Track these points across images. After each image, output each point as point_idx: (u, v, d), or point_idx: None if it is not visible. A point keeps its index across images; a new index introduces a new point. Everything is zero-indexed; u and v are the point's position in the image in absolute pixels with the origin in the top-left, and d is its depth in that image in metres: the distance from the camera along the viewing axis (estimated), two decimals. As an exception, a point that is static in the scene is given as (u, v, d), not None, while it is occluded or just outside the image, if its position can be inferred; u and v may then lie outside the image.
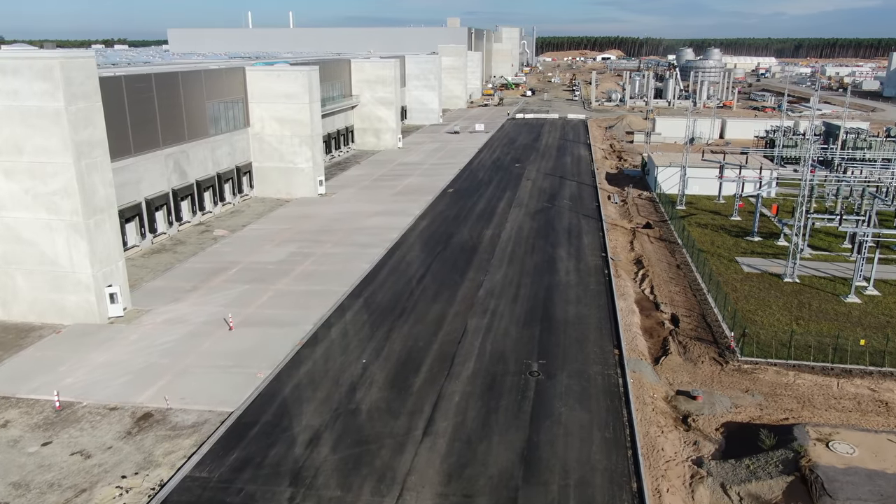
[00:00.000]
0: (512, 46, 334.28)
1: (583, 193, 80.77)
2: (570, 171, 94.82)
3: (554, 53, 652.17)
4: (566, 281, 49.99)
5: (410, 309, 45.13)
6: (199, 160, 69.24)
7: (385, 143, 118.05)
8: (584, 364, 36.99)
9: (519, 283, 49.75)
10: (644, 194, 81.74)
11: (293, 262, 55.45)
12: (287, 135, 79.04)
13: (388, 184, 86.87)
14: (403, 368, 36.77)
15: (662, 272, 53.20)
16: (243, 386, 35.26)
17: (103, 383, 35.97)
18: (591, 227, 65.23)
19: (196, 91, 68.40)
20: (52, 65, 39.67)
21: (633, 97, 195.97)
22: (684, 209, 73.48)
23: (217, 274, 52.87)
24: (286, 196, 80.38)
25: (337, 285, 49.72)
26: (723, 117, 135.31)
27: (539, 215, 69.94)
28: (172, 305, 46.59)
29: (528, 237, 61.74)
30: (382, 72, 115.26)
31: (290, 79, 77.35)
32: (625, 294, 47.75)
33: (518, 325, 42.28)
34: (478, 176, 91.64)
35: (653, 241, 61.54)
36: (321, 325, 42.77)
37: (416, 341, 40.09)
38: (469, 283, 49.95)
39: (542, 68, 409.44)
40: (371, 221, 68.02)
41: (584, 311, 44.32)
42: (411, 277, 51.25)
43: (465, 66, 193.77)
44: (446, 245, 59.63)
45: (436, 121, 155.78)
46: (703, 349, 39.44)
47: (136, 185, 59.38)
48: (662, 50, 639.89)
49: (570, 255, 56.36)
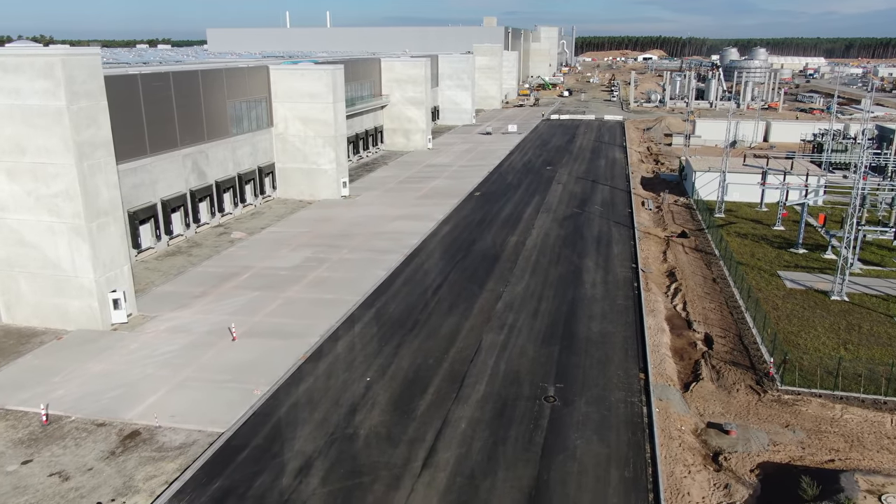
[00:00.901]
0: (550, 46, 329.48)
1: (615, 199, 77.15)
2: (604, 175, 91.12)
3: (594, 53, 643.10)
4: (592, 294, 46.81)
5: (423, 322, 42.55)
6: (219, 160, 67.85)
7: (415, 143, 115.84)
8: (606, 389, 33.90)
9: (541, 295, 46.75)
10: (680, 200, 77.64)
11: (307, 267, 53.42)
12: (310, 135, 77.30)
13: (414, 186, 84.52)
14: (409, 389, 34.21)
15: (697, 286, 49.56)
16: (238, 403, 33.15)
17: (95, 396, 34.27)
18: (623, 236, 61.76)
19: (216, 90, 67.01)
20: (53, 62, 38.21)
21: (674, 98, 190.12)
22: (723, 217, 69.27)
23: (228, 279, 51.14)
24: (309, 198, 78.67)
25: (349, 294, 47.46)
26: (767, 119, 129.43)
27: (567, 222, 66.69)
28: (178, 312, 44.91)
29: (555, 245, 58.60)
30: (412, 71, 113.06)
31: (314, 78, 75.54)
32: (655, 310, 44.38)
33: (536, 342, 39.34)
34: (507, 179, 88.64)
35: (688, 252, 57.74)
36: (328, 337, 40.50)
37: (426, 358, 37.49)
38: (488, 294, 47.15)
39: (581, 68, 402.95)
40: (392, 226, 65.72)
41: (609, 329, 41.14)
42: (427, 287, 48.68)
43: (501, 65, 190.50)
44: (467, 252, 56.91)
45: (468, 121, 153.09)
46: (739, 375, 35.92)
47: (152, 185, 58.12)
48: (706, 50, 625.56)
49: (598, 265, 53.09)
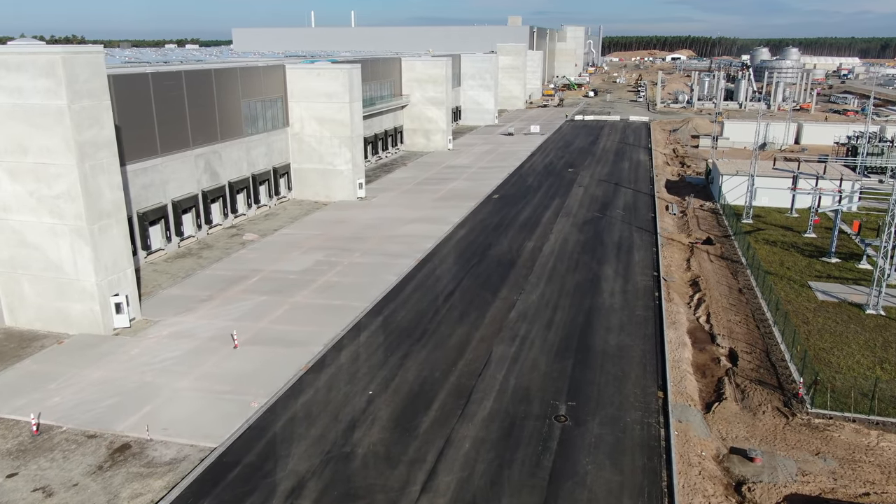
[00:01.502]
0: (576, 46, 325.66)
1: (638, 203, 74.67)
2: (627, 178, 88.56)
3: (621, 53, 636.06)
4: (610, 304, 44.67)
5: (432, 331, 40.84)
6: (233, 161, 66.88)
7: (435, 144, 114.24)
8: (621, 409, 31.86)
9: (556, 304, 44.74)
10: (706, 205, 74.83)
11: (317, 271, 52.06)
12: (326, 135, 76.08)
13: (432, 188, 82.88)
14: (412, 404, 32.53)
15: (722, 297, 47.11)
16: (234, 416, 31.77)
17: (89, 405, 33.17)
18: (645, 242, 59.40)
19: (230, 89, 66.04)
20: (54, 60, 37.24)
21: (702, 99, 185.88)
22: (751, 223, 66.42)
23: (236, 282, 49.98)
24: (325, 199, 77.47)
25: (357, 300, 45.96)
26: (799, 121, 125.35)
27: (588, 226, 64.46)
28: (183, 317, 43.80)
29: (573, 251, 56.48)
30: (433, 70, 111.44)
31: (331, 77, 74.29)
32: (676, 322, 42.12)
33: (549, 355, 37.38)
34: (527, 181, 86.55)
35: (713, 260, 55.19)
36: (332, 346, 39.00)
37: (432, 371, 35.77)
38: (501, 303, 45.28)
39: (608, 68, 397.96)
40: (406, 229, 64.13)
41: (626, 342, 39.02)
42: (438, 294, 46.96)
43: (525, 65, 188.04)
44: (482, 258, 55.07)
45: (491, 122, 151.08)
46: (766, 396, 33.59)
47: (163, 186, 57.25)
48: (736, 50, 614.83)
49: (618, 273, 50.88)
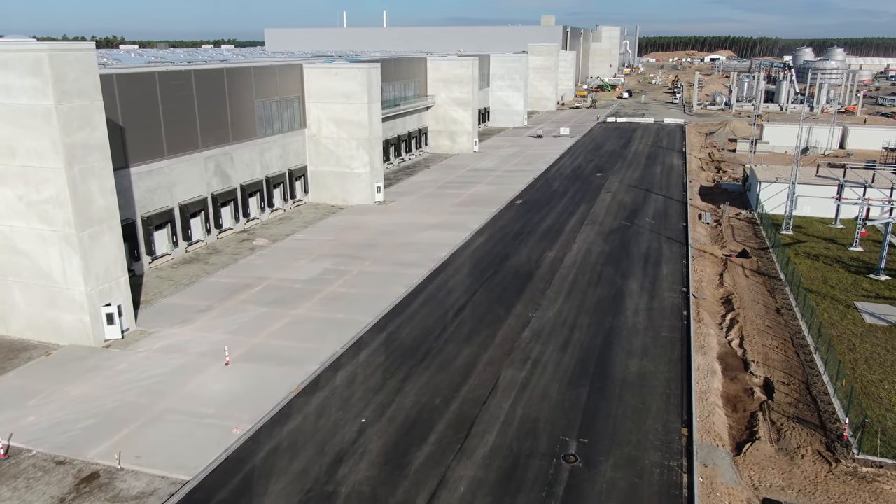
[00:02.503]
0: (611, 46, 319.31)
1: (669, 210, 70.60)
2: (659, 184, 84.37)
3: (658, 54, 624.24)
4: (633, 324, 41.13)
5: (437, 351, 37.86)
6: (245, 163, 64.85)
7: (460, 146, 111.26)
8: (639, 448, 28.47)
9: (574, 323, 41.36)
10: (743, 214, 70.37)
11: (324, 281, 49.54)
12: (344, 137, 73.71)
13: (453, 192, 79.91)
14: (407, 436, 29.61)
15: (757, 318, 43.16)
16: (214, 444, 29.26)
17: (65, 426, 31.02)
18: (674, 254, 55.53)
19: (243, 89, 64.02)
20: (40, 58, 35.28)
21: (741, 100, 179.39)
22: (791, 235, 61.91)
23: (239, 291, 47.72)
24: (342, 202, 75.11)
25: (362, 314, 43.24)
26: (844, 124, 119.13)
27: (614, 236, 60.77)
28: (178, 328, 41.61)
29: (596, 263, 52.93)
30: (459, 70, 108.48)
31: (349, 77, 71.87)
32: (705, 346, 38.41)
33: (563, 382, 34.10)
34: (552, 186, 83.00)
35: (748, 275, 51.08)
36: (328, 365, 36.31)
37: (433, 397, 32.81)
38: (514, 320, 42.08)
39: (644, 69, 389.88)
40: (422, 235, 61.29)
41: (649, 368, 35.51)
42: (448, 309, 43.97)
43: (556, 65, 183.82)
44: (498, 268, 51.90)
45: (520, 123, 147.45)
46: (805, 437, 29.84)
47: (169, 189, 55.37)
48: (778, 51, 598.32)
49: (643, 288, 47.23)
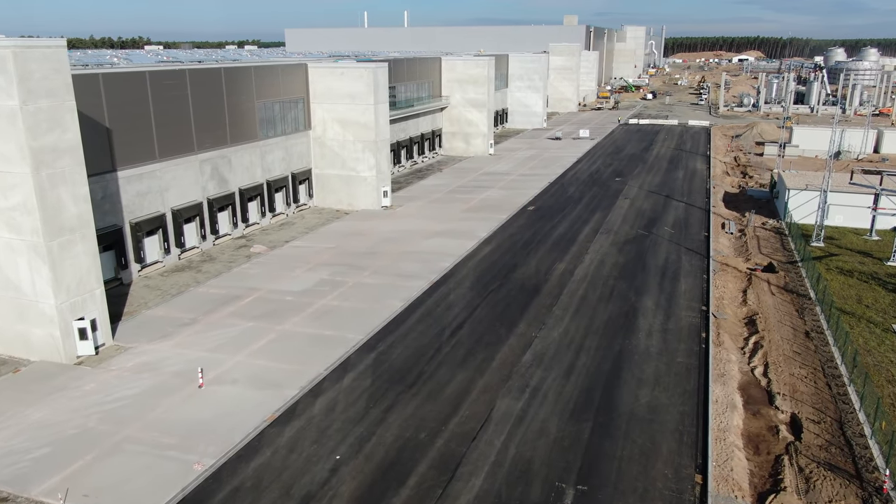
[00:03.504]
0: (636, 46, 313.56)
1: (690, 219, 66.63)
2: (680, 190, 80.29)
3: (685, 55, 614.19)
4: (645, 347, 37.56)
5: (428, 376, 34.71)
6: (245, 166, 62.31)
7: (475, 148, 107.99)
8: (645, 499, 25.01)
9: (580, 345, 37.92)
10: (769, 223, 66.07)
11: (318, 292, 46.69)
12: (349, 139, 70.92)
13: (464, 197, 76.73)
14: (384, 477, 26.49)
15: (784, 342, 39.29)
16: (170, 482, 26.43)
17: (16, 456, 28.45)
18: (694, 267, 51.72)
19: (243, 90, 61.48)
20: (4, 55, 32.80)
21: (769, 102, 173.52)
22: (821, 247, 57.61)
23: (227, 303, 45.06)
24: (347, 207, 72.35)
25: (352, 330, 40.26)
26: (879, 127, 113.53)
27: (629, 246, 57.07)
28: (156, 344, 39.01)
29: (609, 277, 49.35)
30: (474, 71, 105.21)
31: (354, 77, 69.05)
32: (726, 374, 34.74)
33: (563, 415, 30.74)
34: (568, 191, 79.37)
35: (774, 293, 47.08)
36: (309, 390, 33.36)
37: (418, 430, 29.66)
38: (516, 340, 38.75)
39: (670, 70, 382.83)
40: (427, 244, 58.20)
41: (661, 400, 31.98)
42: (445, 326, 40.79)
43: (578, 66, 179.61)
44: (504, 282, 48.60)
45: (539, 125, 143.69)
46: (838, 488, 26.12)
47: (161, 193, 52.97)
48: (808, 51, 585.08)
49: (659, 306, 43.59)
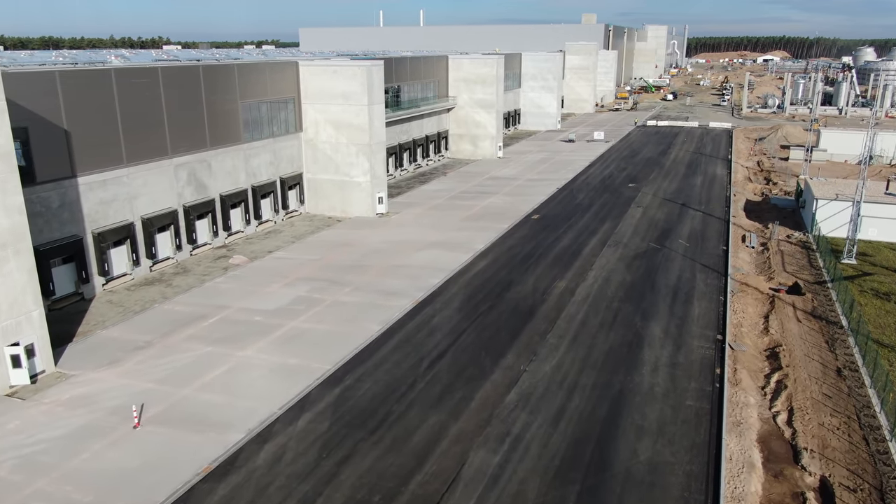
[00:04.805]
0: (657, 46, 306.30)
1: (708, 230, 61.33)
2: (698, 197, 74.89)
3: (708, 55, 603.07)
4: (650, 387, 32.65)
5: (395, 419, 30.14)
6: (227, 171, 58.25)
7: (483, 151, 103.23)
8: None
9: (575, 383, 33.10)
10: (795, 236, 60.48)
11: (290, 312, 42.38)
12: (343, 142, 66.64)
13: (465, 203, 72.09)
14: (323, 556, 22.01)
15: (812, 381, 34.12)
16: (71, 555, 22.21)
17: None
18: (710, 287, 46.59)
19: (225, 89, 57.40)
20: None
21: (795, 103, 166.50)
22: (854, 264, 52.05)
23: (190, 323, 40.93)
24: (341, 214, 68.09)
25: (320, 359, 35.86)
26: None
27: (639, 262, 52.04)
28: (101, 372, 34.93)
29: (614, 298, 44.40)
30: (482, 70, 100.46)
31: (348, 76, 64.73)
32: (743, 422, 29.75)
33: (546, 475, 25.98)
34: (576, 198, 74.35)
35: (800, 319, 41.78)
36: (256, 434, 28.98)
37: (372, 492, 25.09)
38: (501, 375, 34.04)
39: (692, 70, 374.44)
40: (418, 256, 53.69)
41: (664, 457, 27.09)
42: (424, 356, 36.20)
43: (595, 65, 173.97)
44: (496, 302, 43.88)
45: (552, 126, 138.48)
46: (880, 584, 21.15)
47: (129, 201, 49.04)
48: (836, 51, 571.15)
49: (668, 335, 38.59)
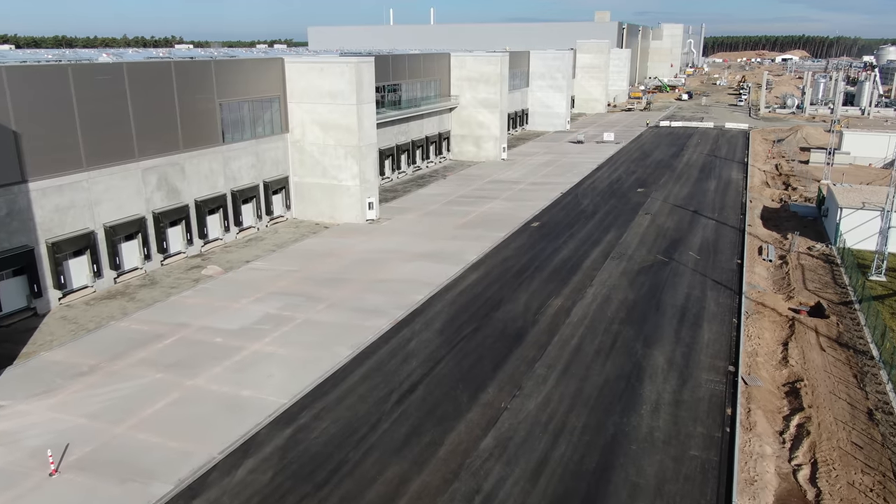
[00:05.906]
0: (673, 45, 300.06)
1: (721, 241, 56.59)
2: (711, 204, 70.08)
3: (726, 54, 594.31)
4: (649, 431, 28.20)
5: (350, 468, 25.95)
6: (203, 175, 54.44)
7: (486, 153, 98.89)
8: None
9: (562, 425, 28.72)
10: (817, 248, 55.51)
11: (255, 332, 38.38)
12: (330, 144, 62.65)
13: (462, 209, 67.84)
14: None
15: (839, 425, 29.47)
16: None
17: None
18: (722, 307, 41.96)
19: (200, 87, 53.55)
20: None
21: (815, 103, 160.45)
22: (884, 281, 47.05)
23: (144, 344, 37.06)
24: (329, 220, 64.11)
25: (276, 391, 31.81)
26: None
27: (644, 277, 47.49)
28: (33, 403, 31.13)
29: (614, 320, 39.91)
30: (486, 68, 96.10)
31: (336, 73, 60.71)
32: (758, 479, 25.22)
33: (519, 548, 21.69)
34: (580, 204, 69.81)
35: (824, 347, 37.01)
36: (186, 486, 24.95)
37: (309, 568, 20.97)
38: (478, 414, 29.74)
39: (709, 69, 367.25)
40: (404, 269, 49.54)
41: (662, 524, 22.70)
42: (394, 389, 31.99)
43: (607, 64, 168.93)
44: (482, 324, 39.57)
45: (561, 127, 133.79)
46: None
47: (90, 208, 45.33)
48: (857, 50, 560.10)
49: (672, 365, 34.09)
